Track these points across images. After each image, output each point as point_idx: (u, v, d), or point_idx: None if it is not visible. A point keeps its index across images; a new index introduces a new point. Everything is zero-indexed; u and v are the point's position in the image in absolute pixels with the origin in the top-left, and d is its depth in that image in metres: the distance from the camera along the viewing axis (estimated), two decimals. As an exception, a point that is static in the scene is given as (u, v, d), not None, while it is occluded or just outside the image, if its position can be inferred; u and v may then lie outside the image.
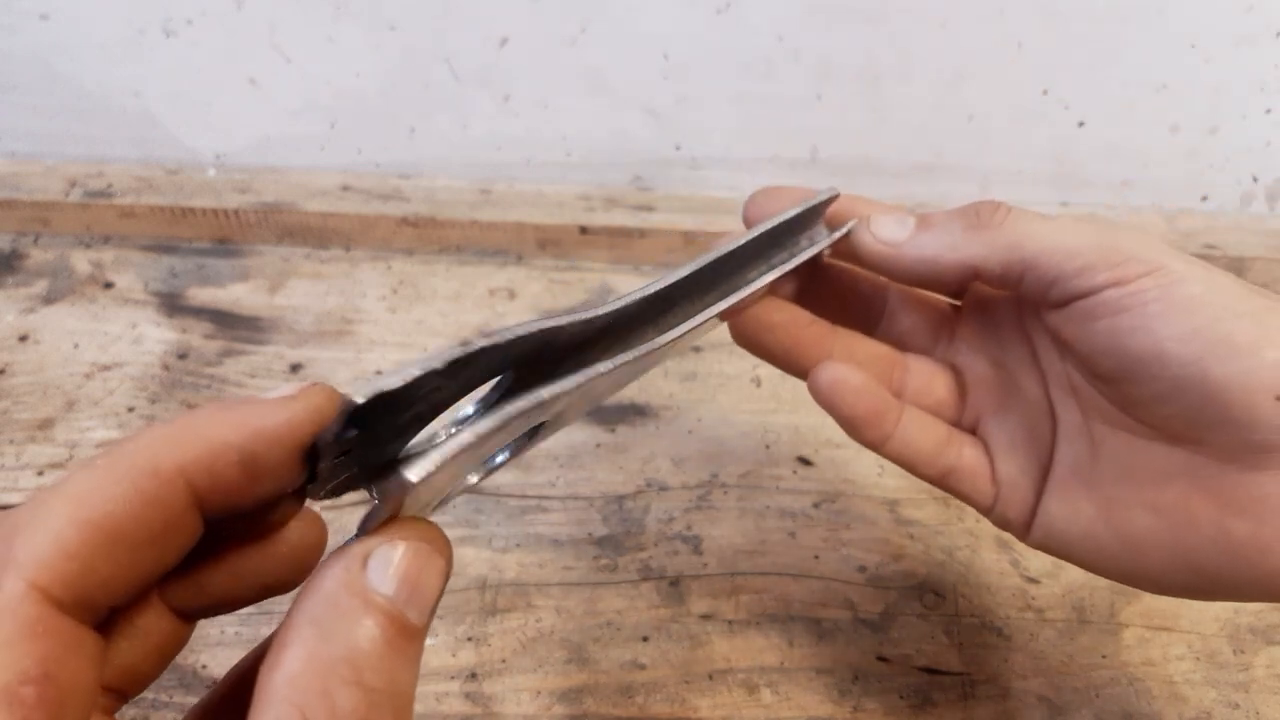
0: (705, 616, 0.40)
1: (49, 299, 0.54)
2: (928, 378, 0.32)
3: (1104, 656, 0.39)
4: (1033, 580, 0.41)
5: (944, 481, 0.30)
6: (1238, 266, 0.57)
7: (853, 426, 0.29)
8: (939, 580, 0.41)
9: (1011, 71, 0.55)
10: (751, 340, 0.31)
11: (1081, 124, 0.57)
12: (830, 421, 0.30)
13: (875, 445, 0.30)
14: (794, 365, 0.31)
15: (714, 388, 0.50)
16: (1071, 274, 0.26)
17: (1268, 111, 0.56)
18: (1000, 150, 0.58)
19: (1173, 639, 0.40)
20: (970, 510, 0.44)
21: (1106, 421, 0.28)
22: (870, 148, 0.59)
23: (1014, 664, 0.38)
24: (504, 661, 0.38)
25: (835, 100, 0.56)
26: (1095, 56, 0.54)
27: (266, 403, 0.18)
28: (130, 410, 0.48)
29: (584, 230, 0.57)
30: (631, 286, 0.56)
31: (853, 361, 0.30)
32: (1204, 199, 0.60)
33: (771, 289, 0.30)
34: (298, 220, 0.58)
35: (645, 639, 0.39)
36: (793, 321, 0.30)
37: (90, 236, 0.58)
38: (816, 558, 0.42)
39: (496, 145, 0.60)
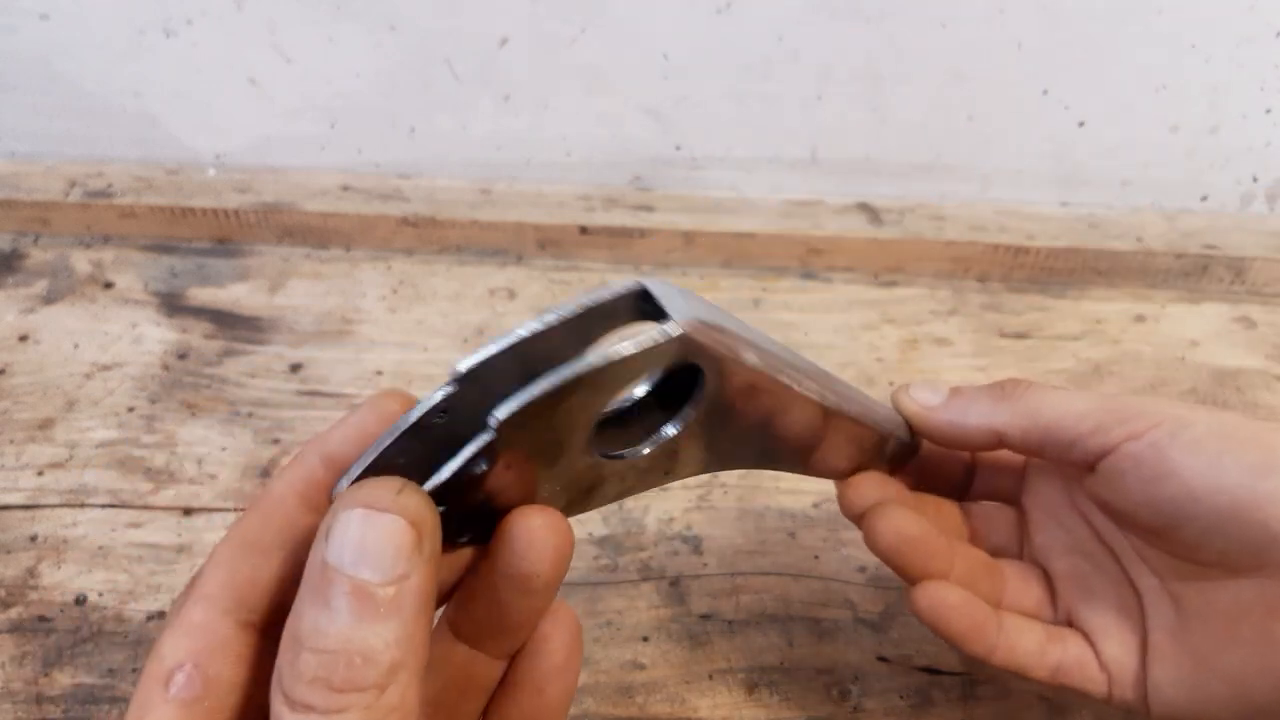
0: (705, 616, 0.40)
1: (49, 299, 0.54)
2: (1022, 581, 0.33)
3: (1104, 656, 0.39)
4: (1033, 580, 0.41)
5: (1056, 679, 0.31)
6: (1238, 266, 0.57)
7: (958, 642, 0.30)
8: (939, 580, 0.41)
9: (1011, 71, 0.55)
10: (889, 551, 0.31)
11: (1081, 124, 0.57)
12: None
13: (984, 658, 0.30)
14: (917, 575, 0.31)
15: (714, 388, 0.50)
16: (1087, 434, 0.28)
17: (1268, 111, 0.56)
18: (1000, 150, 0.58)
19: (1173, 639, 0.40)
20: (970, 510, 0.44)
21: (1179, 577, 0.29)
22: (870, 148, 0.59)
23: (1014, 664, 0.38)
24: (504, 661, 0.38)
25: (835, 100, 0.56)
26: (1095, 56, 0.54)
27: (344, 417, 0.23)
28: (130, 410, 0.48)
29: (584, 230, 0.57)
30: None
31: (962, 570, 0.31)
32: (1204, 199, 0.60)
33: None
34: (298, 220, 0.58)
35: (645, 639, 0.39)
36: (925, 537, 0.31)
37: (90, 236, 0.59)
38: (816, 558, 0.42)
39: (496, 145, 0.60)
